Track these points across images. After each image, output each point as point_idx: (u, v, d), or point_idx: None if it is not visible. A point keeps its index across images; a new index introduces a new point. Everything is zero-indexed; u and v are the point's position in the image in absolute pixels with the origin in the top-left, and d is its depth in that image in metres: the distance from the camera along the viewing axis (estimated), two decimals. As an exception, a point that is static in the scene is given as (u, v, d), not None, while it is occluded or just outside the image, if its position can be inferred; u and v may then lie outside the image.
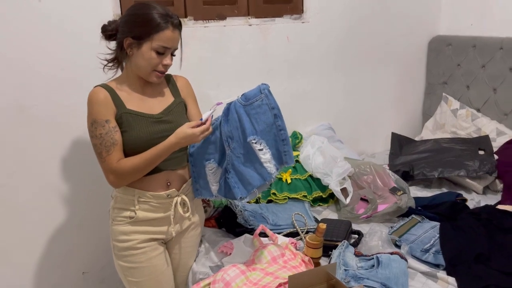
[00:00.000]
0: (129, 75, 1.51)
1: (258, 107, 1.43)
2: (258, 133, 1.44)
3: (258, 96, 1.43)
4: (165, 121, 1.51)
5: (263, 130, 1.43)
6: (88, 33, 1.88)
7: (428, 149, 2.49)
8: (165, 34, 1.41)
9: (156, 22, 1.39)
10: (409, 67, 2.96)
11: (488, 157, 2.27)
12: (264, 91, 1.43)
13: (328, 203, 2.13)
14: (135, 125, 1.45)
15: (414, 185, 2.30)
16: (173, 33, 1.43)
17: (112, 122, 1.43)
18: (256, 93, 1.44)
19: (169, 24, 1.41)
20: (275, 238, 1.75)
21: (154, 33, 1.40)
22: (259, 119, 1.43)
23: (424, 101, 3.09)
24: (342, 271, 1.49)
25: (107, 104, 1.43)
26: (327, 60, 2.61)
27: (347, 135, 2.74)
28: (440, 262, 1.58)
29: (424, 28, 2.94)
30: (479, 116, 2.63)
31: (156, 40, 1.40)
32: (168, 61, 1.46)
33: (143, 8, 1.43)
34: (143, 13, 1.41)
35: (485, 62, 2.63)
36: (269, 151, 1.44)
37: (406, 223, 1.82)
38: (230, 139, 1.49)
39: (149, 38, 1.40)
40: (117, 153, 1.42)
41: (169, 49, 1.45)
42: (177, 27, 1.44)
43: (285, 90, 2.50)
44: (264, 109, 1.43)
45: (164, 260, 1.59)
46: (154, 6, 1.43)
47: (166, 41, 1.42)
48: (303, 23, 2.47)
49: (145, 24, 1.40)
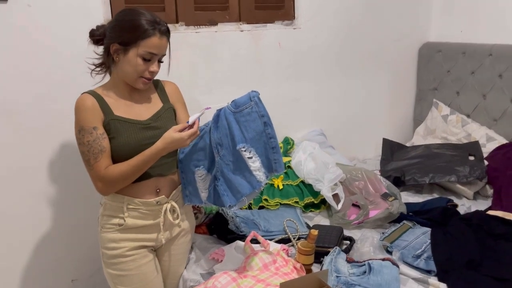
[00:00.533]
0: (116, 81, 1.49)
1: (248, 114, 1.42)
2: (248, 141, 1.42)
3: (248, 104, 1.42)
4: (153, 127, 1.50)
5: (253, 138, 1.42)
6: (78, 38, 1.86)
7: (419, 155, 2.50)
8: (152, 40, 1.39)
9: (143, 28, 1.38)
10: (400, 73, 2.98)
11: (478, 163, 2.28)
12: (254, 98, 1.42)
13: (320, 209, 2.13)
14: (123, 131, 1.44)
15: (406, 190, 2.31)
16: (160, 40, 1.41)
17: (100, 129, 1.41)
18: (246, 100, 1.42)
19: (156, 31, 1.39)
20: (267, 244, 1.73)
21: (141, 40, 1.38)
22: (249, 126, 1.42)
23: (415, 107, 3.11)
24: (334, 277, 1.48)
25: (94, 111, 1.41)
26: (319, 66, 2.62)
27: (339, 141, 2.74)
28: (431, 268, 1.58)
29: (415, 34, 2.96)
30: (469, 122, 2.65)
31: (142, 47, 1.39)
32: (155, 68, 1.44)
33: (130, 14, 1.42)
34: (131, 19, 1.40)
35: (475, 68, 2.65)
36: (258, 159, 1.42)
37: (397, 229, 1.82)
38: (219, 146, 1.47)
39: (135, 45, 1.39)
40: (105, 160, 1.41)
41: (156, 56, 1.43)
42: (164, 34, 1.43)
43: (276, 96, 2.50)
44: (254, 117, 1.41)
45: (154, 268, 1.58)
46: (143, 12, 1.41)
47: (152, 48, 1.40)
48: (294, 29, 2.48)
49: (132, 30, 1.38)
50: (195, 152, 1.55)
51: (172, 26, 2.13)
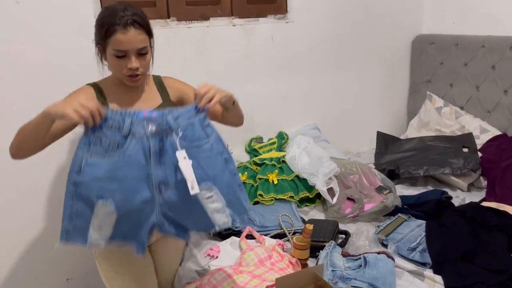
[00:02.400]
0: (113, 77, 1.47)
1: (209, 150, 1.22)
2: (211, 178, 1.21)
3: (205, 140, 1.23)
4: None
5: (215, 175, 1.22)
6: (68, 34, 1.85)
7: (413, 148, 2.51)
8: (116, 37, 1.30)
9: (105, 26, 1.30)
10: (393, 66, 2.97)
11: (472, 155, 2.29)
12: (213, 134, 1.24)
13: (315, 203, 2.13)
14: None
15: (400, 183, 2.31)
16: (125, 35, 1.30)
17: None
18: (201, 134, 1.23)
19: (117, 26, 1.29)
20: (262, 240, 1.73)
21: (107, 38, 1.31)
22: (211, 163, 1.22)
23: (408, 99, 3.11)
24: (329, 272, 1.48)
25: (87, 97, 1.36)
26: (312, 60, 2.61)
27: (333, 134, 2.74)
28: (426, 260, 1.59)
29: (407, 27, 2.96)
30: (462, 114, 2.66)
31: (111, 44, 1.31)
32: (132, 64, 1.34)
33: (101, 13, 1.37)
34: (98, 18, 1.35)
35: (468, 60, 2.65)
36: (222, 199, 1.23)
37: (392, 222, 1.83)
38: (163, 185, 1.20)
39: (106, 43, 1.33)
40: None
41: (128, 51, 1.33)
42: (129, 26, 1.30)
43: (270, 90, 2.49)
44: (215, 153, 1.24)
45: (146, 263, 1.57)
46: (114, 7, 1.33)
47: (119, 45, 1.31)
48: (287, 23, 2.47)
49: (98, 29, 1.34)
50: (106, 180, 1.16)
51: (164, 21, 2.11)
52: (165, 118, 1.19)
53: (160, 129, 1.19)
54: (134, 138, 1.18)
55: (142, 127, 1.18)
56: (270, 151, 2.39)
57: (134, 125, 1.18)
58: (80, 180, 1.16)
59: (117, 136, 1.17)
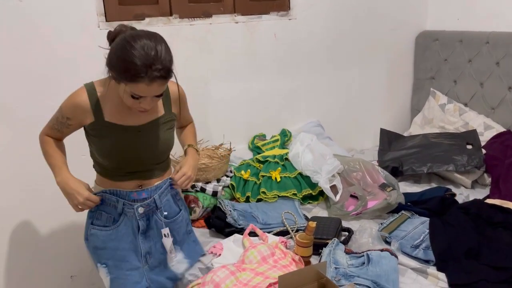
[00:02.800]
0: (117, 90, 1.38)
1: (180, 221, 1.60)
2: (178, 242, 1.61)
3: (179, 214, 1.60)
4: (143, 134, 1.44)
5: (182, 239, 1.62)
6: (70, 32, 1.85)
7: (416, 145, 2.50)
8: (139, 86, 1.25)
9: (131, 72, 1.22)
10: (397, 63, 2.96)
11: (476, 152, 2.28)
12: (183, 206, 1.64)
13: (318, 200, 2.13)
14: (110, 136, 1.41)
15: (404, 180, 2.31)
16: (149, 87, 1.25)
17: (72, 121, 1.43)
18: (175, 209, 1.59)
19: (145, 78, 1.22)
20: (265, 237, 1.73)
21: (128, 82, 1.25)
22: (180, 231, 1.62)
23: (412, 96, 3.10)
24: (332, 269, 1.48)
25: (79, 110, 1.39)
26: (315, 57, 2.60)
27: (336, 132, 2.74)
28: (430, 257, 1.59)
29: (411, 23, 2.94)
30: (466, 110, 2.64)
31: (130, 87, 1.26)
32: (146, 106, 1.32)
33: (123, 51, 1.23)
34: (121, 58, 1.23)
35: (472, 56, 2.64)
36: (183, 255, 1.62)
37: (396, 219, 1.82)
38: (148, 255, 1.53)
39: (124, 83, 1.27)
40: (52, 132, 1.48)
41: (145, 97, 1.30)
42: (156, 79, 1.24)
43: (272, 88, 2.49)
44: (184, 222, 1.63)
45: None
46: (139, 51, 1.22)
47: (139, 92, 1.27)
48: (290, 20, 2.46)
49: (121, 69, 1.24)
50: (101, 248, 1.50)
51: (166, 19, 2.11)
52: (153, 198, 1.50)
53: (147, 209, 1.49)
54: (126, 217, 1.48)
55: (132, 209, 1.47)
56: (273, 149, 2.39)
57: (126, 207, 1.47)
58: (87, 245, 1.54)
59: (113, 212, 1.48)
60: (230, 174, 2.18)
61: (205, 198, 1.98)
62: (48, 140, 1.48)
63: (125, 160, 1.45)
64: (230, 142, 2.24)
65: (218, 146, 2.25)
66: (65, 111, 1.42)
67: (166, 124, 1.50)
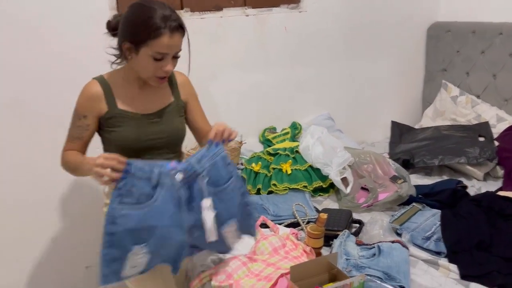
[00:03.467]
0: (128, 73, 1.46)
1: (231, 191, 1.33)
2: (232, 215, 1.36)
3: (229, 181, 1.32)
4: (155, 122, 1.48)
5: (235, 211, 1.36)
6: (83, 26, 1.87)
7: (428, 137, 2.48)
8: (162, 40, 1.30)
9: (152, 28, 1.29)
10: (408, 55, 2.94)
11: (489, 144, 2.26)
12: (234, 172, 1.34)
13: (329, 193, 2.13)
14: (125, 125, 1.44)
15: (415, 173, 2.30)
16: (171, 39, 1.31)
17: (89, 119, 1.43)
18: (224, 174, 1.31)
19: (166, 29, 1.29)
20: (276, 229, 1.75)
21: (150, 40, 1.30)
22: (232, 202, 1.35)
23: (423, 88, 3.07)
24: (343, 260, 1.49)
25: (95, 101, 1.42)
26: (325, 49, 2.60)
27: (347, 124, 2.73)
28: (441, 249, 1.59)
29: (423, 14, 2.91)
30: (479, 102, 2.62)
31: (152, 47, 1.31)
32: (169, 67, 1.37)
33: (140, 10, 1.32)
34: (139, 17, 1.31)
35: (485, 48, 2.61)
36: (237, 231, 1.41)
37: (407, 211, 1.82)
38: (194, 228, 1.30)
39: (145, 44, 1.31)
40: (75, 145, 1.46)
41: (168, 55, 1.35)
42: (175, 30, 1.32)
43: (283, 80, 2.49)
44: (236, 191, 1.35)
45: None
46: (154, 8, 1.31)
47: (163, 48, 1.32)
48: (300, 13, 2.45)
49: (141, 29, 1.30)
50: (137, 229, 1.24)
51: (177, 12, 2.11)
52: (191, 165, 1.26)
53: (187, 176, 1.25)
54: (163, 189, 1.23)
55: (169, 177, 1.23)
56: (283, 141, 2.39)
57: (162, 176, 1.23)
58: (114, 230, 1.22)
59: (147, 187, 1.22)
60: (241, 167, 2.19)
61: (217, 190, 2.00)
62: (67, 153, 1.46)
63: (140, 150, 1.46)
64: (241, 135, 2.26)
65: (229, 139, 2.27)
66: (80, 109, 1.43)
67: (177, 111, 1.54)
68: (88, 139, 1.48)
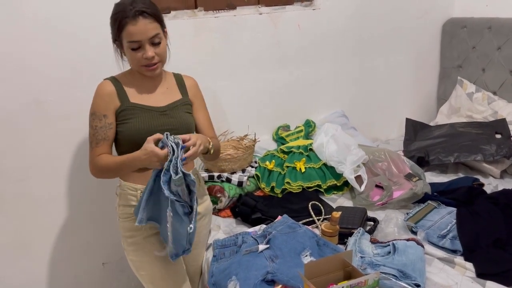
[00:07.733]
0: (133, 70, 1.52)
1: None
2: None
3: None
4: (167, 115, 1.51)
5: None
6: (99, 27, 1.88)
7: (443, 134, 2.46)
8: (128, 29, 1.36)
9: (117, 21, 1.37)
10: (423, 51, 2.91)
11: (505, 141, 2.23)
12: None
13: (343, 191, 2.13)
14: (137, 117, 1.47)
15: (430, 170, 2.28)
16: (135, 26, 1.35)
17: (110, 118, 1.46)
18: None
19: (126, 19, 1.35)
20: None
21: (120, 32, 1.38)
22: None
23: (438, 85, 3.04)
24: (358, 258, 1.49)
25: (110, 98, 1.46)
26: (339, 47, 2.59)
27: (361, 122, 2.72)
28: (457, 247, 1.58)
29: (438, 10, 2.88)
30: (495, 99, 2.58)
31: (125, 38, 1.38)
32: (148, 53, 1.40)
33: (112, 10, 1.41)
34: (111, 16, 1.40)
35: (501, 43, 2.57)
36: None
37: (422, 209, 1.81)
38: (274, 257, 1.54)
39: (120, 38, 1.40)
40: (103, 148, 1.46)
41: (141, 42, 1.38)
42: (137, 16, 1.35)
43: (297, 78, 2.49)
44: None
45: None
46: (120, 2, 1.39)
47: (131, 36, 1.37)
48: (313, 10, 2.45)
49: (112, 26, 1.41)
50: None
51: (191, 11, 2.13)
52: None
53: None
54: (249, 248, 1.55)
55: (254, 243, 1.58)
56: (297, 139, 2.40)
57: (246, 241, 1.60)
58: None
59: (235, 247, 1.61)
60: (255, 165, 2.20)
61: (231, 188, 2.02)
62: (100, 158, 1.46)
63: None
64: (254, 133, 2.27)
65: (242, 137, 2.28)
66: (98, 110, 1.46)
67: (184, 107, 1.58)
68: (113, 138, 1.49)
